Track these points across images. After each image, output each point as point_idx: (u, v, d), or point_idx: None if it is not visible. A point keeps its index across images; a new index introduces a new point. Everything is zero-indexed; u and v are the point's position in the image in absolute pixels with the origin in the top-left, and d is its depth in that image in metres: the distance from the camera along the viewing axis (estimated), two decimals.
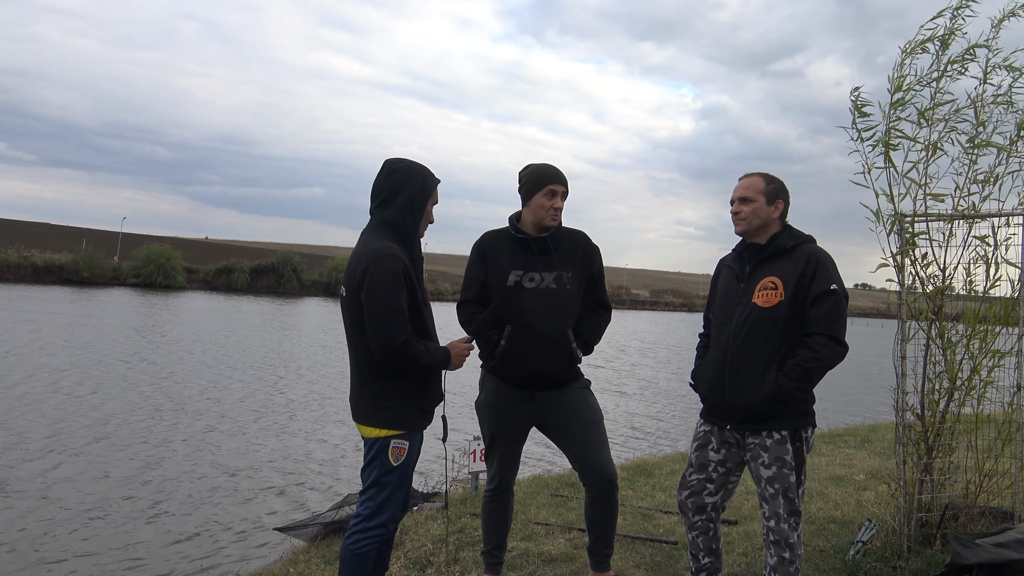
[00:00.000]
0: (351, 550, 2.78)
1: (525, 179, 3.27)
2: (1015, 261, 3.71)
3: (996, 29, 3.68)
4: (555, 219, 3.24)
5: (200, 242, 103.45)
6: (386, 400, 2.79)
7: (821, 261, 2.86)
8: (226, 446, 10.31)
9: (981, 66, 3.70)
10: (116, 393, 13.49)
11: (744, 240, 3.07)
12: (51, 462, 8.92)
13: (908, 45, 3.73)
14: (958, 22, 3.66)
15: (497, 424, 3.33)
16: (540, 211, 3.23)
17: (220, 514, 7.52)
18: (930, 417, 3.74)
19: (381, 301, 2.67)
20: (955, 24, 3.67)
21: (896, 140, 3.71)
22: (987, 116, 3.71)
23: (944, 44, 3.68)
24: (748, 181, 3.03)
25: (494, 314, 3.17)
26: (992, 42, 3.68)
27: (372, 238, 2.81)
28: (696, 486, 3.10)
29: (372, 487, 2.80)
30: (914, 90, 3.71)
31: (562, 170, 3.29)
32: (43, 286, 43.54)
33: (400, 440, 2.79)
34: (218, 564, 6.22)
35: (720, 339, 3.04)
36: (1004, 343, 3.74)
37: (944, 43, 3.68)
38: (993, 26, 3.68)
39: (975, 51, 3.67)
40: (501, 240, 3.32)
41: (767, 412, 2.86)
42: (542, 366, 3.18)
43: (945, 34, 3.68)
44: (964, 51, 3.67)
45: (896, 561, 3.61)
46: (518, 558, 3.98)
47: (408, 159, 2.92)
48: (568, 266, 3.26)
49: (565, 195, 3.27)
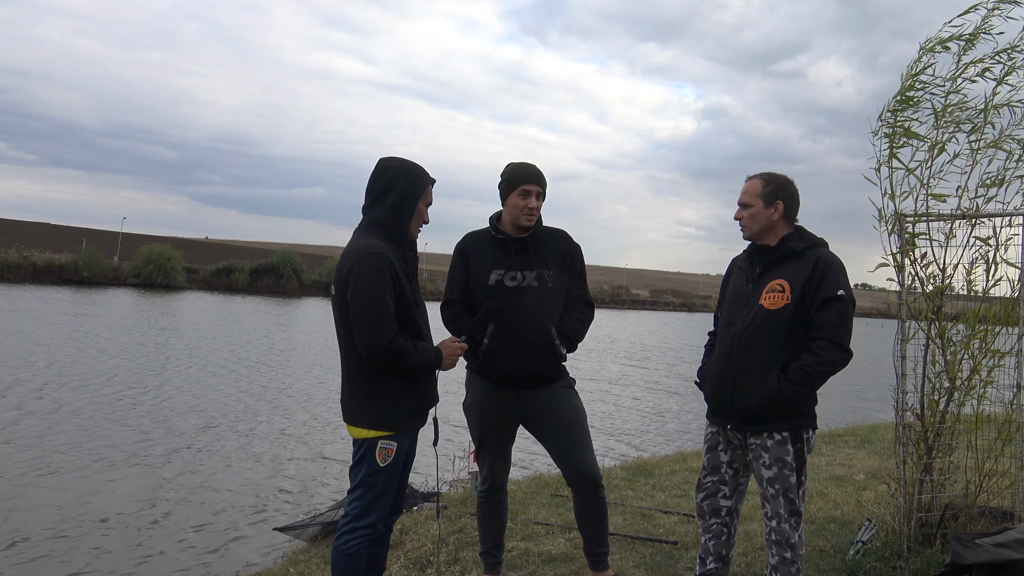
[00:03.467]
0: (340, 551, 2.78)
1: (502, 178, 3.28)
2: (1015, 261, 3.70)
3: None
4: (530, 219, 3.23)
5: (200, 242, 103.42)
6: (374, 401, 2.77)
7: (830, 266, 2.84)
8: (226, 446, 10.31)
9: (1004, 67, 3.62)
10: (116, 393, 13.49)
11: (755, 242, 3.06)
12: (52, 462, 8.92)
13: (928, 42, 3.65)
14: (990, 21, 3.57)
15: (485, 425, 3.34)
16: (515, 210, 3.24)
17: (220, 514, 7.52)
18: (930, 417, 3.74)
19: (365, 299, 2.66)
20: (987, 23, 3.57)
21: (904, 140, 3.68)
22: (998, 117, 3.67)
23: (969, 43, 3.59)
24: (747, 185, 3.02)
25: (489, 314, 3.16)
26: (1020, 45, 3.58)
27: (361, 236, 2.81)
28: (711, 488, 3.10)
29: (359, 487, 2.80)
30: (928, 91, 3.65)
31: (542, 170, 3.28)
32: (43, 286, 43.52)
33: (388, 441, 2.77)
34: (218, 564, 6.22)
35: (726, 339, 3.03)
36: (1004, 343, 3.73)
37: (969, 42, 3.59)
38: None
39: (1006, 54, 3.56)
40: (482, 240, 3.33)
41: (768, 414, 2.86)
42: (526, 364, 3.18)
43: (973, 33, 3.58)
44: (995, 53, 3.56)
45: (896, 561, 3.60)
46: (518, 558, 3.98)
47: (402, 158, 2.91)
48: (549, 264, 3.26)
49: (541, 195, 3.24)
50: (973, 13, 3.60)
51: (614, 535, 4.21)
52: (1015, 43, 3.60)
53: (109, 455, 9.42)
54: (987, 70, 3.63)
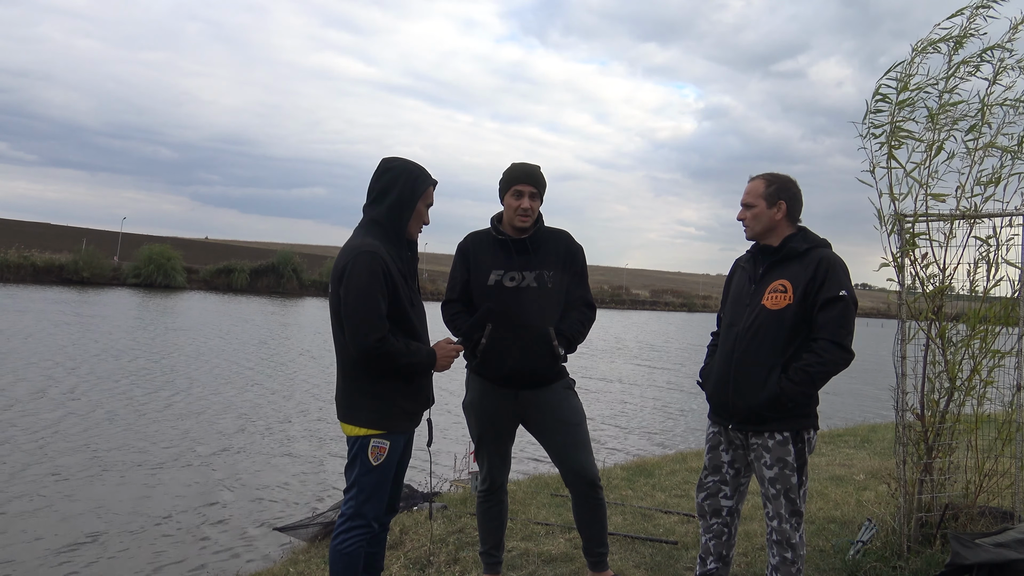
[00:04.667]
0: (338, 550, 2.79)
1: (500, 179, 3.30)
2: (1015, 261, 3.71)
3: (1014, 30, 3.61)
4: (524, 219, 3.23)
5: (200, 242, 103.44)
6: (368, 399, 2.78)
7: (832, 266, 2.85)
8: (225, 446, 10.30)
9: (993, 67, 3.65)
10: (115, 393, 13.49)
11: (758, 242, 3.06)
12: (50, 461, 8.92)
13: (920, 44, 3.68)
14: (976, 22, 3.61)
15: (483, 424, 3.34)
16: (509, 211, 3.26)
17: (220, 514, 7.52)
18: (930, 417, 3.74)
19: (357, 298, 2.67)
20: (972, 24, 3.62)
21: (900, 140, 3.69)
22: (993, 117, 3.69)
23: (958, 44, 3.63)
24: (750, 186, 3.03)
25: (486, 315, 3.17)
26: (1009, 44, 3.62)
27: (359, 235, 2.82)
28: (712, 488, 3.11)
29: (353, 486, 2.81)
30: (922, 90, 3.67)
31: (540, 170, 3.28)
32: (43, 286, 43.52)
33: (380, 440, 2.78)
34: (218, 564, 6.22)
35: (728, 339, 3.04)
36: (1004, 343, 3.73)
37: (958, 43, 3.63)
38: (1012, 27, 3.61)
39: (992, 52, 3.61)
40: (483, 240, 3.34)
41: (769, 414, 2.86)
42: (523, 364, 3.18)
43: (960, 34, 3.62)
44: (981, 51, 3.61)
45: (896, 561, 3.61)
46: (518, 558, 3.98)
47: (404, 158, 2.92)
48: (550, 265, 3.27)
49: (535, 196, 3.24)
50: (959, 16, 3.64)
51: (614, 535, 4.21)
52: (1003, 42, 3.63)
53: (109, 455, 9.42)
54: (978, 68, 3.66)
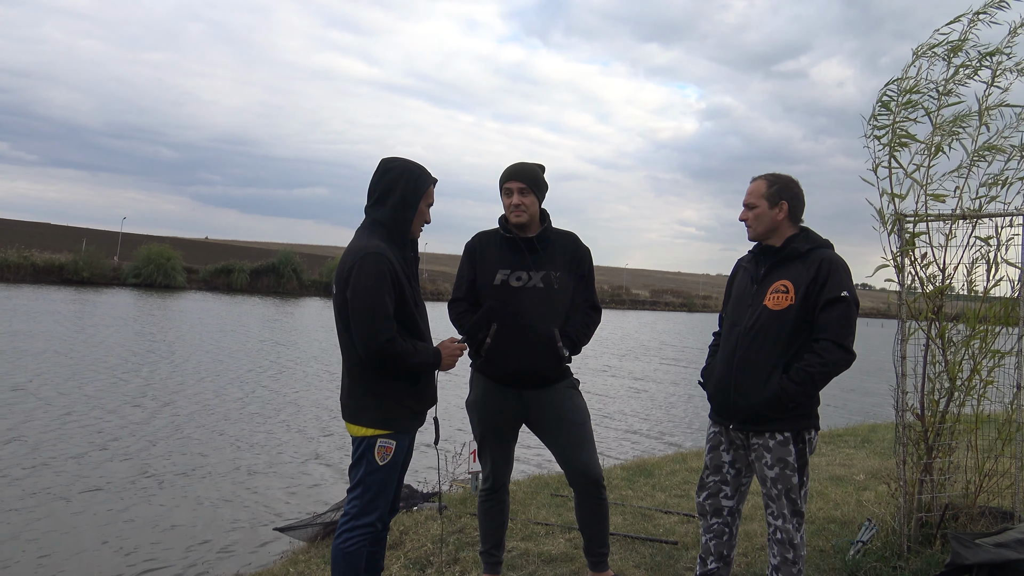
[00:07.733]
0: (341, 549, 2.79)
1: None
2: (1015, 261, 3.71)
3: (1012, 35, 3.64)
4: (518, 217, 3.24)
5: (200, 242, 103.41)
6: (374, 399, 2.79)
7: (834, 267, 2.85)
8: (226, 446, 10.31)
9: (991, 70, 3.67)
10: (115, 392, 13.49)
11: (760, 243, 3.07)
12: (49, 462, 8.92)
13: (920, 48, 3.71)
14: (975, 27, 3.64)
15: (486, 423, 3.35)
16: (505, 210, 3.29)
17: (220, 514, 7.52)
18: (930, 417, 3.75)
19: (364, 299, 2.67)
20: (972, 29, 3.64)
21: (901, 143, 3.70)
22: (991, 119, 3.70)
23: (956, 49, 3.66)
24: (752, 186, 3.03)
25: (488, 314, 3.17)
26: (1007, 48, 3.65)
27: (363, 237, 2.83)
28: (713, 488, 3.11)
29: (358, 486, 2.81)
30: (922, 92, 3.68)
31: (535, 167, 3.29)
32: (43, 286, 43.52)
33: (386, 440, 2.79)
34: (218, 564, 6.22)
35: (730, 340, 3.04)
36: (1004, 343, 3.74)
37: (956, 48, 3.66)
38: (1011, 32, 3.64)
39: (991, 57, 3.63)
40: (491, 240, 3.35)
41: (770, 414, 2.87)
42: (527, 364, 3.19)
43: (959, 39, 3.65)
44: (981, 56, 3.64)
45: (896, 561, 3.61)
46: (518, 558, 3.99)
47: (404, 158, 2.92)
48: (557, 266, 3.27)
49: (525, 191, 3.23)
50: (958, 23, 3.67)
51: (614, 535, 4.22)
52: (1002, 47, 3.66)
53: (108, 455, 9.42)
54: (976, 72, 3.68)
